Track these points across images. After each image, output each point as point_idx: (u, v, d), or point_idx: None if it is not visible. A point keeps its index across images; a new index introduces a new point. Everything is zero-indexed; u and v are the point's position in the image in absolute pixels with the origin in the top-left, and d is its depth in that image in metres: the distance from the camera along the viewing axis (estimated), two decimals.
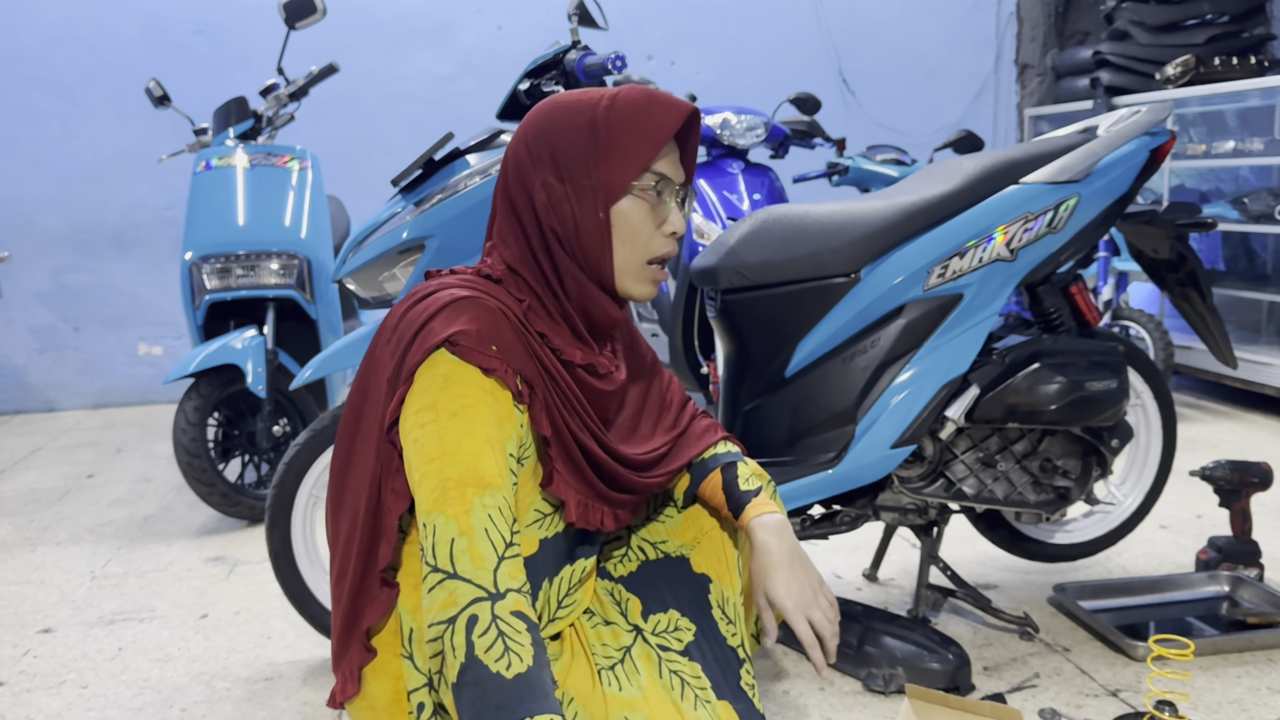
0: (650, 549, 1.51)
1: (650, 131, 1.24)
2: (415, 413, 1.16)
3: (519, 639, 1.08)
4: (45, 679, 2.24)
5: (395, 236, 2.03)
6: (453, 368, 1.16)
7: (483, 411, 1.16)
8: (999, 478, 2.20)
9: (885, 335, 2.09)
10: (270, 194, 3.41)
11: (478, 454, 1.14)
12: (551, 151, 1.25)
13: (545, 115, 1.28)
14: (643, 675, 1.41)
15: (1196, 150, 4.82)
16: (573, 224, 1.25)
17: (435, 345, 1.17)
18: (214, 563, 2.93)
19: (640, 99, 1.25)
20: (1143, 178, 2.20)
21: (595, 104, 1.25)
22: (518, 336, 1.22)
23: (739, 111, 3.82)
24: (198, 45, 5.09)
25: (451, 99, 5.32)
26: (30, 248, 5.08)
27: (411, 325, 1.20)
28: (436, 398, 1.15)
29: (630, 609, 1.49)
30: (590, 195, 1.24)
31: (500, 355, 1.18)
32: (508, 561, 1.11)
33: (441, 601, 1.09)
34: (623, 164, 1.23)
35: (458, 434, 1.14)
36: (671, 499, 1.53)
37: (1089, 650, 2.20)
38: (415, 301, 1.25)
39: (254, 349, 3.16)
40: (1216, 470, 2.49)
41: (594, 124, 1.24)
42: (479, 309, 1.19)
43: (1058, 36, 5.90)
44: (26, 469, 4.06)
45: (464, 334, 1.16)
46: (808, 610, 1.33)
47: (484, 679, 1.05)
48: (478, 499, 1.12)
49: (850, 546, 2.85)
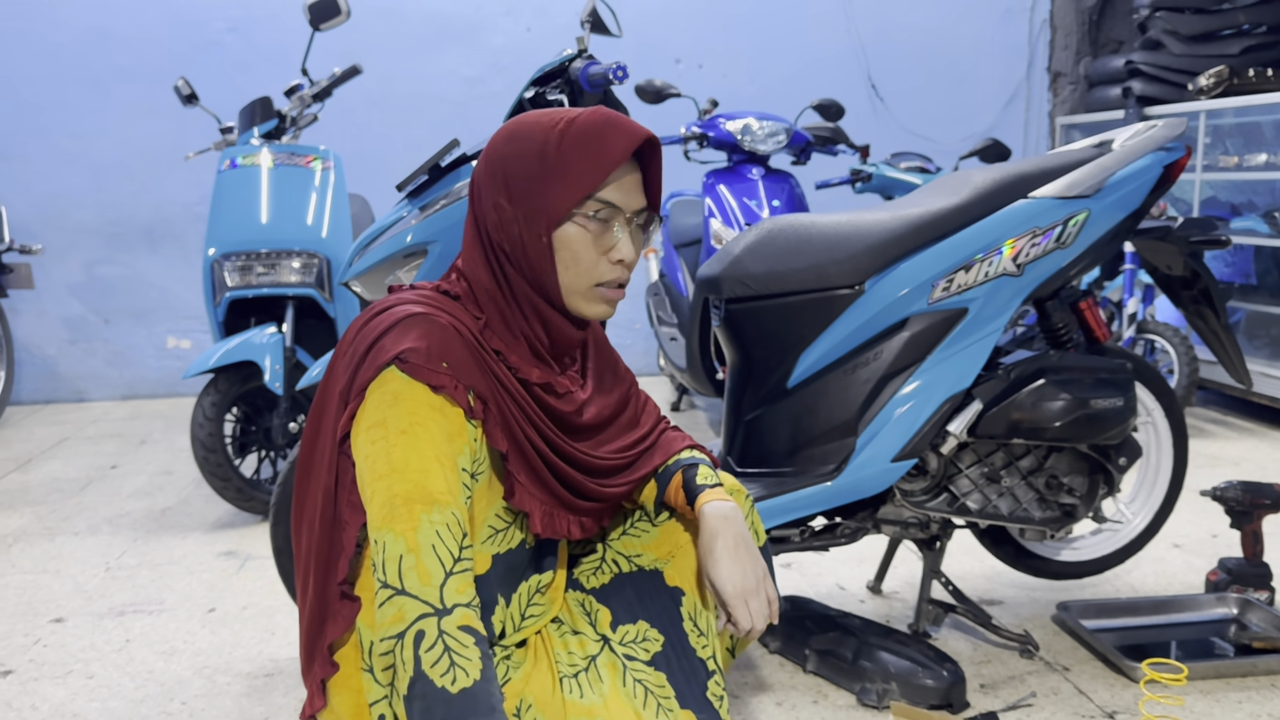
0: (625, 562, 1.52)
1: (598, 158, 1.24)
2: (366, 429, 1.18)
3: (465, 653, 1.09)
4: (53, 668, 2.28)
5: (399, 241, 2.04)
6: (401, 385, 1.17)
7: (431, 429, 1.17)
8: (1004, 493, 2.18)
9: (889, 348, 2.08)
10: (293, 193, 3.45)
11: (426, 471, 1.15)
12: (505, 172, 1.26)
13: (506, 136, 1.29)
14: (605, 684, 1.41)
15: (1229, 162, 4.75)
16: (520, 245, 1.27)
17: (386, 363, 1.18)
18: (226, 557, 2.97)
19: (594, 125, 1.25)
20: (1156, 194, 2.17)
21: (551, 128, 1.26)
22: (470, 353, 1.23)
23: (761, 117, 3.82)
24: (230, 43, 5.15)
25: (479, 100, 5.35)
26: (63, 240, 5.17)
27: (365, 341, 1.22)
28: (386, 415, 1.17)
29: (599, 619, 1.49)
30: (534, 218, 1.25)
31: (450, 372, 1.19)
32: (455, 577, 1.13)
33: (391, 617, 1.11)
34: (565, 190, 1.24)
35: (406, 451, 1.15)
36: (646, 513, 1.53)
37: (1089, 670, 2.18)
38: (371, 316, 1.26)
39: (273, 346, 3.20)
40: (1228, 491, 2.45)
41: (544, 148, 1.25)
42: (430, 325, 1.20)
43: (1091, 45, 5.84)
44: (53, 458, 4.13)
45: (413, 351, 1.17)
46: (747, 597, 1.34)
47: (430, 693, 1.07)
48: (425, 515, 1.13)
49: (856, 558, 2.83)
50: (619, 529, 1.54)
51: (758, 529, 1.56)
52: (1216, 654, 2.23)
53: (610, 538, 1.54)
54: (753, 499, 1.59)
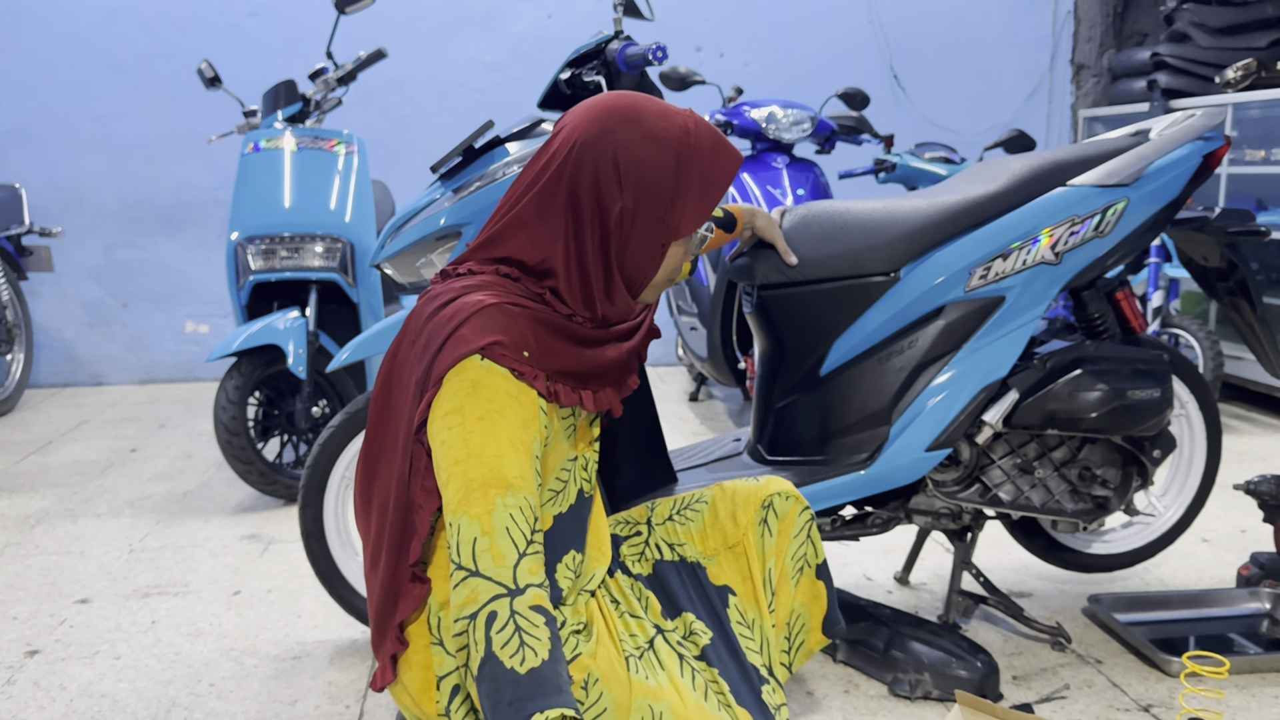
0: (666, 549, 1.52)
1: (717, 186, 1.33)
2: (443, 416, 1.21)
3: (535, 633, 1.10)
4: (79, 649, 2.28)
5: (433, 223, 2.03)
6: (481, 374, 1.20)
7: (508, 415, 1.20)
8: (1036, 485, 2.16)
9: (924, 336, 2.06)
10: (316, 177, 3.44)
11: (501, 456, 1.17)
12: (638, 176, 1.30)
13: (636, 132, 1.30)
14: (666, 670, 1.42)
15: (1255, 156, 4.70)
16: (635, 246, 1.32)
17: (467, 352, 1.21)
18: (249, 540, 2.97)
19: (711, 147, 1.33)
20: (1194, 183, 2.14)
21: (680, 139, 1.31)
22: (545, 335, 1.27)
23: (786, 105, 3.80)
24: (252, 27, 5.14)
25: (499, 86, 5.33)
26: (82, 224, 5.17)
27: (440, 330, 1.24)
28: (464, 402, 1.19)
29: (650, 607, 1.49)
30: (658, 228, 1.31)
31: (530, 361, 1.23)
32: (528, 558, 1.15)
33: (465, 598, 1.13)
34: (694, 213, 1.33)
35: (482, 437, 1.18)
36: (696, 500, 1.53)
37: (1122, 663, 2.16)
38: (441, 305, 1.28)
39: (296, 330, 3.19)
40: (1261, 485, 2.43)
41: (679, 164, 1.30)
42: (506, 315, 1.24)
43: (1115, 37, 5.79)
44: (72, 441, 4.13)
45: (497, 342, 1.21)
46: None
47: (499, 674, 1.08)
48: (500, 499, 1.16)
49: (883, 549, 2.82)
50: (666, 514, 1.54)
51: (816, 546, 1.56)
52: (1250, 649, 2.21)
53: (655, 521, 1.54)
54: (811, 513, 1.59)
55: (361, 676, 2.15)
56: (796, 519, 1.53)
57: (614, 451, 1.87)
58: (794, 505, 1.53)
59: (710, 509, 1.54)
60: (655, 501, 1.62)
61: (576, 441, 1.40)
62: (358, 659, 2.22)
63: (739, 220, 1.96)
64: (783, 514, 1.52)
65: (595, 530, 1.48)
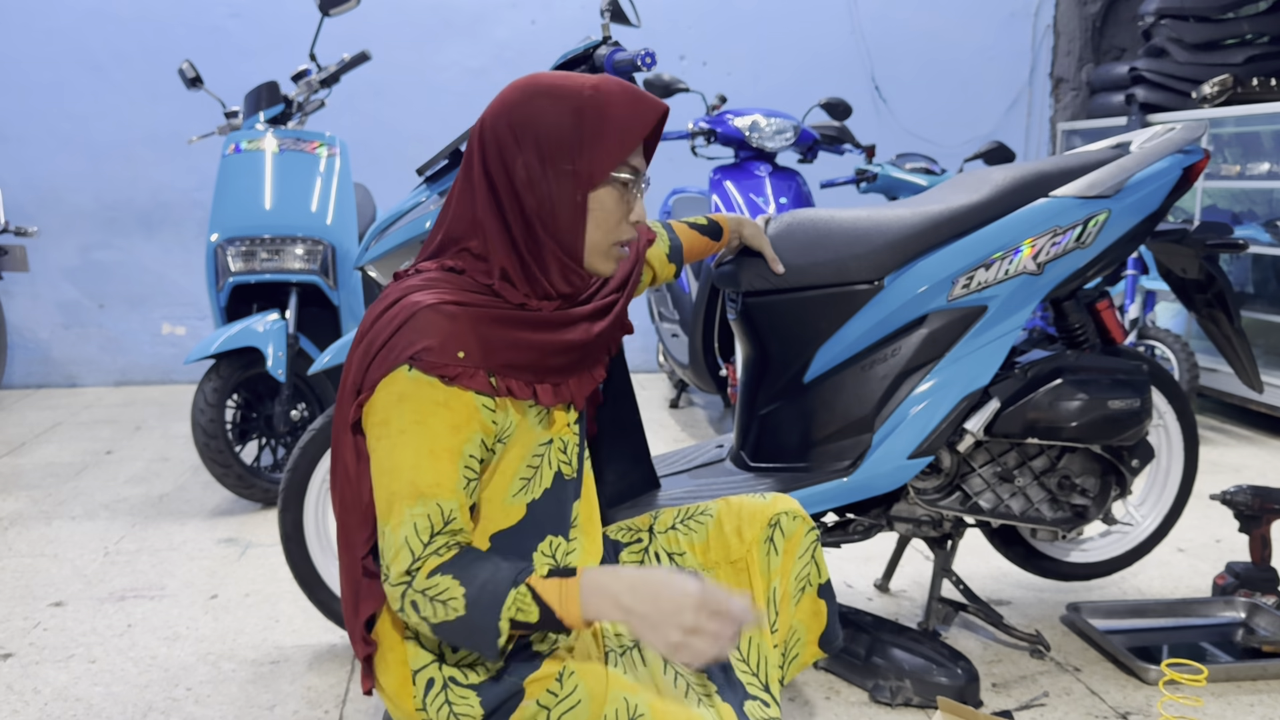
0: (665, 558, 1.52)
1: (632, 127, 1.30)
2: (373, 426, 1.25)
3: (445, 590, 1.19)
4: (54, 652, 2.25)
5: (418, 226, 2.02)
6: (408, 385, 1.23)
7: (432, 425, 1.23)
8: (1016, 493, 2.17)
9: (906, 344, 2.07)
10: (298, 179, 3.42)
11: (418, 468, 1.22)
12: (536, 132, 1.28)
13: (529, 94, 1.30)
14: (649, 668, 1.42)
15: (1231, 171, 4.76)
16: (550, 204, 1.30)
17: (395, 364, 1.23)
18: (226, 544, 2.94)
19: (623, 93, 1.30)
20: (1174, 196, 2.17)
21: (579, 91, 1.29)
22: (486, 330, 1.27)
23: (769, 114, 3.81)
24: (233, 28, 5.11)
25: (483, 92, 5.32)
26: (59, 224, 5.12)
27: (379, 336, 1.26)
28: (389, 414, 1.23)
29: None
30: (570, 179, 1.29)
31: (466, 361, 1.24)
32: (429, 558, 1.22)
33: (392, 599, 1.23)
34: (605, 154, 1.29)
35: (403, 450, 1.22)
36: (701, 512, 1.53)
37: (1100, 671, 2.18)
38: (385, 308, 1.29)
39: (275, 333, 3.17)
40: (1238, 495, 2.45)
41: (580, 110, 1.28)
42: (439, 317, 1.24)
43: (1094, 51, 5.85)
44: (46, 443, 4.09)
45: (425, 350, 1.22)
46: None
47: (448, 629, 1.20)
48: (408, 510, 1.21)
49: (863, 556, 2.83)
50: (669, 523, 1.54)
51: (820, 566, 1.56)
52: (1225, 658, 2.23)
53: (658, 529, 1.55)
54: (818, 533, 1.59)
55: (340, 682, 2.13)
56: (803, 539, 1.53)
57: (597, 457, 1.86)
58: (801, 525, 1.52)
59: (715, 522, 1.54)
60: (659, 510, 1.62)
61: (551, 425, 1.40)
62: (336, 664, 2.21)
63: (725, 230, 1.96)
64: (789, 533, 1.51)
65: (586, 514, 1.47)
